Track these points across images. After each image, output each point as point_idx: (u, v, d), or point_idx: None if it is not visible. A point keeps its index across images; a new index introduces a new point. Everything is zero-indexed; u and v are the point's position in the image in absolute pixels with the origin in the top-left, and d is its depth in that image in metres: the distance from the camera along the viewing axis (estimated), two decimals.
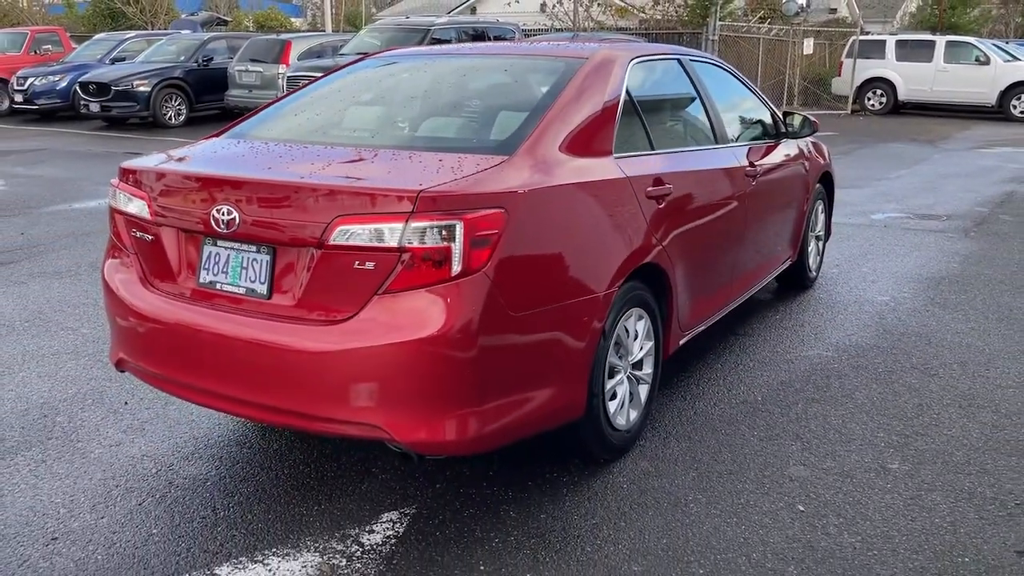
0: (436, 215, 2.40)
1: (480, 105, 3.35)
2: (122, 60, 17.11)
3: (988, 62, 18.64)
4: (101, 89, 15.00)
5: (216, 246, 2.73)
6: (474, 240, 2.43)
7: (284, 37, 16.38)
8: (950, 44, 19.33)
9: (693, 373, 4.03)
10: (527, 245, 2.59)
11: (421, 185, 2.44)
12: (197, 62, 15.87)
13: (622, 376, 3.13)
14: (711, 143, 3.96)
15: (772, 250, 4.61)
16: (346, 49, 14.44)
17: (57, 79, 16.30)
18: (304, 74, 12.93)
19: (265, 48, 15.67)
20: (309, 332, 2.51)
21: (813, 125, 4.88)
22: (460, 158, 2.71)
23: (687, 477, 3.06)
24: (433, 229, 2.40)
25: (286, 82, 13.85)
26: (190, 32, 19.64)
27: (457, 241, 2.40)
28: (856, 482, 3.03)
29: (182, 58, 15.96)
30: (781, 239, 4.75)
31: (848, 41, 20.50)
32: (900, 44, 19.91)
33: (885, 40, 20.50)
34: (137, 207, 2.90)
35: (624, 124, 3.25)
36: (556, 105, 3.02)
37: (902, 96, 19.53)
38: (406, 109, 3.48)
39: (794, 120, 4.85)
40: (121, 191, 2.98)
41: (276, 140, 3.14)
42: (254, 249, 2.65)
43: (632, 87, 3.40)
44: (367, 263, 2.44)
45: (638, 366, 3.25)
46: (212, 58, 16.06)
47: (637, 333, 3.18)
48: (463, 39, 14.30)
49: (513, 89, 3.41)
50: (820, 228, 5.57)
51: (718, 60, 4.59)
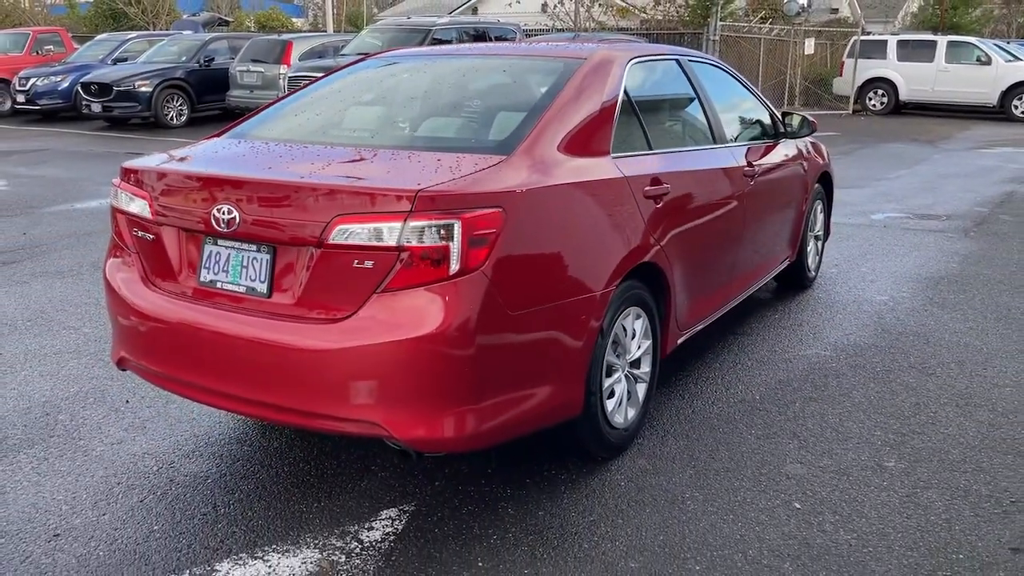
0: (434, 214, 2.42)
1: (479, 105, 3.36)
2: (124, 61, 17.13)
3: (989, 62, 18.65)
4: (103, 89, 15.02)
5: (217, 245, 2.76)
6: (472, 239, 2.45)
7: (285, 37, 16.39)
8: (951, 44, 19.34)
9: (692, 372, 4.05)
10: (525, 244, 2.62)
11: (419, 185, 2.46)
12: (199, 62, 15.89)
13: (620, 375, 3.15)
14: (709, 143, 3.98)
15: (771, 250, 4.63)
16: (347, 49, 14.45)
17: (59, 79, 16.33)
18: (305, 74, 12.94)
19: (266, 48, 15.69)
20: (309, 330, 2.53)
21: (812, 125, 4.90)
22: (458, 158, 2.73)
23: (684, 475, 3.08)
24: (431, 228, 2.42)
25: (287, 82, 13.87)
26: (192, 33, 19.66)
27: (455, 240, 2.43)
28: (852, 480, 3.05)
29: (184, 58, 15.98)
30: (780, 239, 4.76)
31: (849, 41, 20.51)
32: (901, 44, 19.92)
33: (886, 40, 20.50)
34: (139, 207, 2.92)
35: (622, 124, 3.27)
36: (554, 105, 3.04)
37: (903, 96, 19.55)
38: (406, 109, 3.50)
39: (793, 120, 4.87)
40: (123, 191, 3.00)
41: (276, 140, 3.16)
42: (254, 248, 2.68)
43: (630, 87, 3.42)
44: (366, 262, 2.46)
45: (636, 365, 3.26)
46: (213, 58, 16.08)
47: (635, 332, 3.20)
48: (464, 39, 14.30)
49: (512, 89, 3.43)
50: (819, 228, 5.58)
51: (717, 60, 4.60)
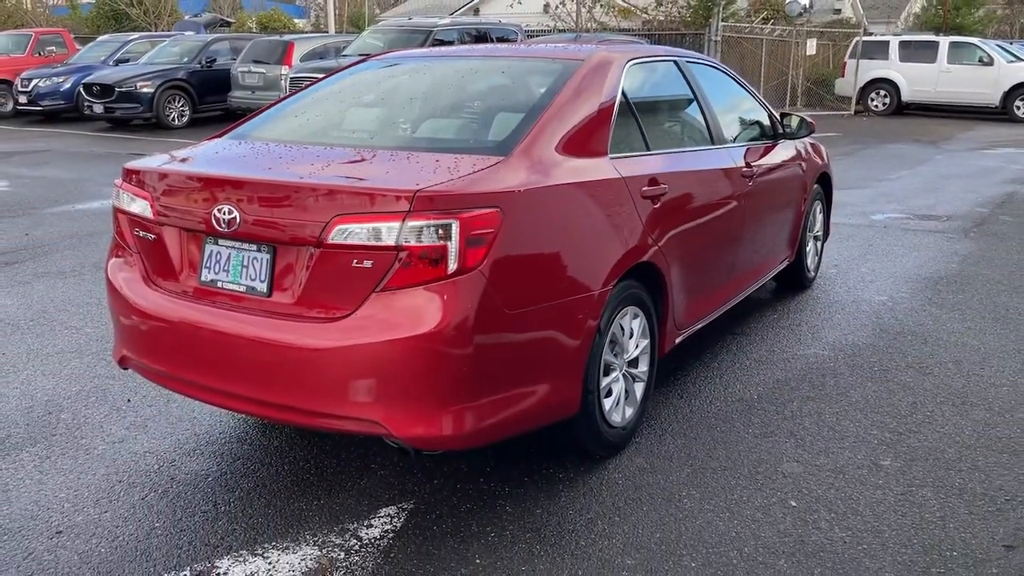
0: (432, 214, 2.44)
1: (478, 106, 3.39)
2: (126, 62, 17.17)
3: (992, 63, 18.66)
4: (105, 90, 15.06)
5: (217, 245, 2.78)
6: (470, 239, 2.47)
7: (287, 38, 16.42)
8: (954, 45, 19.34)
9: (690, 371, 4.07)
10: (522, 244, 2.64)
11: (418, 185, 2.48)
12: (200, 63, 15.92)
13: (617, 374, 3.17)
14: (707, 144, 4.00)
15: (769, 250, 4.64)
16: (348, 50, 14.48)
17: (61, 80, 16.38)
18: (306, 75, 12.96)
19: (268, 49, 15.72)
20: (308, 329, 2.55)
21: (810, 126, 4.92)
22: (457, 158, 2.76)
23: (682, 473, 3.10)
24: (429, 228, 2.44)
25: (289, 83, 13.90)
26: (193, 33, 19.70)
27: (453, 240, 2.45)
28: (848, 478, 3.06)
29: (185, 59, 16.01)
30: (779, 239, 4.78)
31: (851, 42, 20.52)
32: (903, 45, 19.93)
33: (888, 41, 20.51)
34: (140, 207, 2.95)
35: (620, 125, 3.29)
36: (552, 106, 3.07)
37: (905, 97, 19.56)
38: (405, 110, 3.53)
39: (791, 121, 4.88)
40: (124, 191, 3.03)
41: (277, 141, 3.18)
42: (254, 248, 2.70)
43: (628, 88, 3.44)
44: (365, 261, 2.49)
45: (634, 364, 3.29)
46: (215, 59, 16.12)
47: (632, 331, 3.22)
48: (465, 40, 14.33)
49: (511, 90, 3.45)
50: (818, 228, 5.60)
51: (715, 62, 4.62)
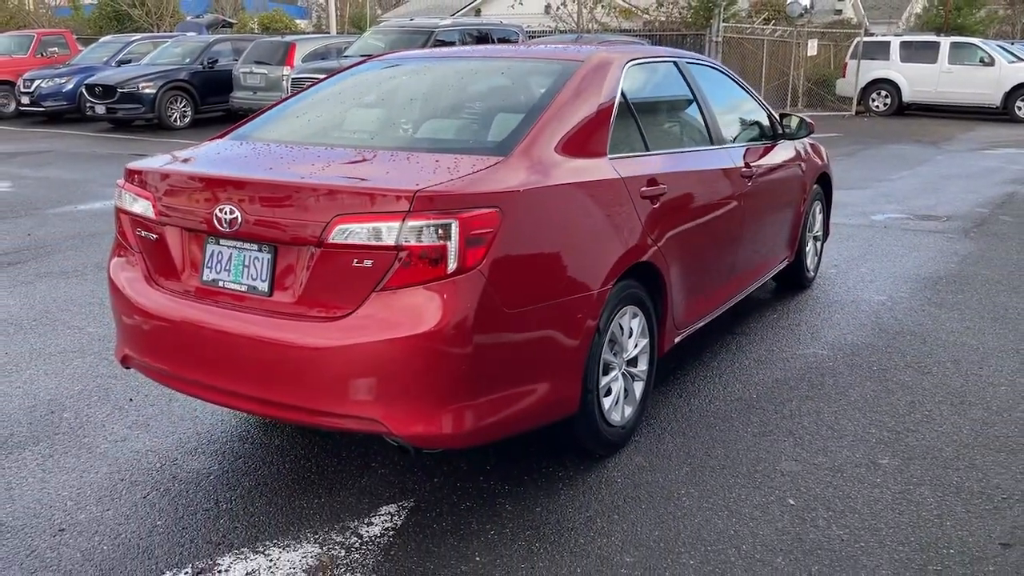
0: (432, 214, 2.46)
1: (478, 107, 3.40)
2: (128, 62, 17.20)
3: (993, 63, 18.66)
4: (107, 91, 15.09)
5: (219, 245, 2.80)
6: (469, 239, 2.49)
7: (289, 39, 16.47)
8: (954, 45, 19.34)
9: (689, 371, 4.09)
10: (522, 244, 2.66)
11: (418, 185, 2.50)
12: (202, 64, 15.96)
13: (617, 373, 3.19)
14: (707, 144, 4.01)
15: (769, 250, 4.66)
16: (350, 51, 14.50)
17: (63, 81, 16.41)
18: (308, 76, 12.99)
19: (270, 50, 15.75)
20: (309, 328, 2.57)
21: (809, 127, 4.93)
22: (457, 159, 2.77)
23: (680, 472, 3.11)
24: (429, 228, 2.46)
25: (290, 84, 13.93)
26: (195, 34, 19.74)
27: (453, 239, 2.47)
28: (846, 477, 3.08)
29: (187, 60, 16.05)
30: (778, 239, 4.80)
31: (852, 42, 20.52)
32: (904, 45, 19.93)
33: (889, 41, 20.51)
34: (142, 207, 2.97)
35: (619, 125, 3.31)
36: (552, 107, 3.09)
37: (906, 97, 19.56)
38: (406, 111, 3.54)
39: (791, 122, 4.90)
40: (127, 191, 3.05)
41: (278, 141, 3.20)
42: (256, 248, 2.72)
43: (627, 89, 3.45)
44: (365, 261, 2.51)
45: (633, 363, 3.30)
46: (217, 60, 16.16)
47: (632, 331, 3.24)
48: (467, 41, 14.35)
49: (510, 91, 3.47)
50: (818, 228, 5.61)
51: (715, 63, 4.64)
